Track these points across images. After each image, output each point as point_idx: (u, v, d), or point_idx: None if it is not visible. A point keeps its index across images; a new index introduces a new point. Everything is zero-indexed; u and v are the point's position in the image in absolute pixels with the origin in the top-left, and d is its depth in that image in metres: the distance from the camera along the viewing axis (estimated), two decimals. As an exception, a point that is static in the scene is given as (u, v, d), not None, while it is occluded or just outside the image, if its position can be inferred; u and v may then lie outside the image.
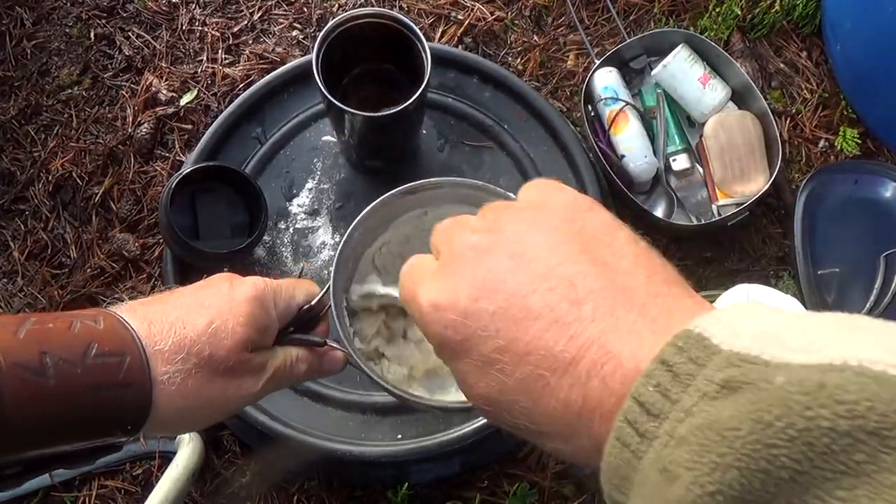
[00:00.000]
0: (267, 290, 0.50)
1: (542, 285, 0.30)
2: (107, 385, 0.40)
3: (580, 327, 0.28)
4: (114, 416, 0.41)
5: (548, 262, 0.30)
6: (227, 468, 0.82)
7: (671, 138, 0.93)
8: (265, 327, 0.49)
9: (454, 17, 1.00)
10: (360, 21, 0.77)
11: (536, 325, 0.29)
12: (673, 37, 0.94)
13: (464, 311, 0.31)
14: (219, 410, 0.48)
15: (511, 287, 0.30)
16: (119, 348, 0.41)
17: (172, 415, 0.44)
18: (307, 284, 0.55)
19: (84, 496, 0.81)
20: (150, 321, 0.44)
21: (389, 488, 0.78)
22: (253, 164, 0.88)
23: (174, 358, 0.44)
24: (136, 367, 0.42)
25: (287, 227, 0.87)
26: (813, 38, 1.01)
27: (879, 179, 0.92)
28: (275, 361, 0.50)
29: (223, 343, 0.45)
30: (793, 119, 0.97)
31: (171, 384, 0.43)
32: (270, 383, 0.49)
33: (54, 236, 0.92)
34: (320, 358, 0.54)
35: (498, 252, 0.32)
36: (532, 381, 0.29)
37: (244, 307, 0.47)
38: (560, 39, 1.00)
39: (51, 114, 0.97)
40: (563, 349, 0.28)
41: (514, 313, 0.30)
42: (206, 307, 0.46)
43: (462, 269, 0.32)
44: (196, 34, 1.00)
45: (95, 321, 0.42)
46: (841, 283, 0.88)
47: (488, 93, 0.91)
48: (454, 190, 0.61)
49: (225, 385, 0.46)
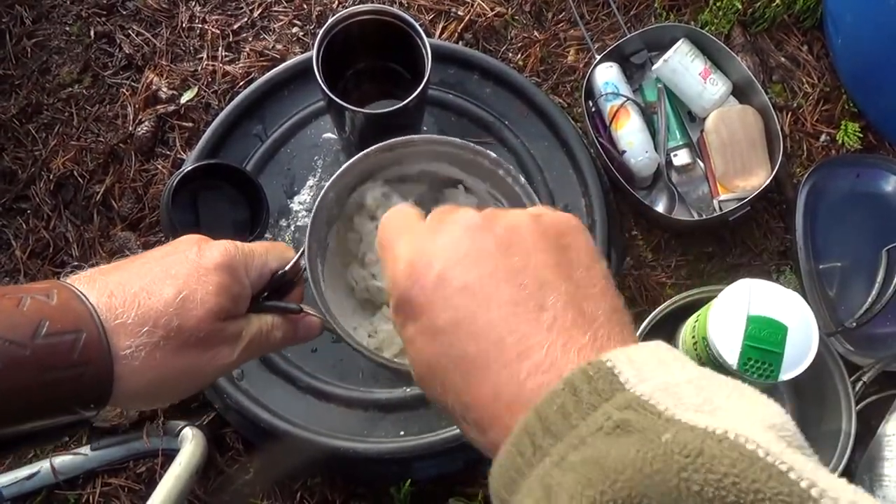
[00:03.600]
0: (238, 255, 0.47)
1: (517, 279, 0.31)
2: (60, 365, 0.38)
3: (536, 329, 0.30)
4: (72, 394, 0.39)
5: (528, 262, 0.32)
6: (230, 465, 0.82)
7: (672, 133, 0.93)
8: (237, 295, 0.46)
9: (454, 13, 0.99)
10: (361, 18, 0.76)
11: (498, 312, 0.30)
12: (673, 31, 0.94)
13: (437, 276, 0.32)
14: (193, 381, 0.46)
15: (488, 269, 0.31)
16: (73, 325, 0.39)
17: (141, 388, 0.42)
18: (281, 248, 0.53)
19: (88, 494, 0.81)
20: (111, 292, 0.42)
21: (393, 485, 0.79)
22: (254, 161, 0.88)
23: (138, 331, 0.41)
24: (93, 344, 0.39)
25: (288, 225, 0.87)
26: (814, 31, 1.00)
27: (881, 173, 0.92)
28: (250, 330, 0.48)
29: (192, 313, 0.43)
30: (794, 113, 0.97)
31: (134, 358, 0.41)
32: (246, 352, 0.47)
33: (56, 235, 0.92)
34: (296, 324, 0.52)
35: (486, 235, 0.33)
36: (473, 360, 0.30)
37: (214, 275, 0.45)
38: (560, 35, 1.00)
39: (51, 112, 0.97)
40: (514, 342, 0.29)
41: (483, 294, 0.31)
42: (173, 276, 0.44)
43: (448, 237, 0.33)
44: (196, 32, 1.00)
45: (48, 296, 0.40)
46: (842, 278, 0.88)
47: (489, 89, 0.91)
48: (430, 147, 0.61)
49: (198, 356, 0.44)
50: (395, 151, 0.56)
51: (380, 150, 0.55)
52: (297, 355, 0.81)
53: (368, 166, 0.56)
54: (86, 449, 0.81)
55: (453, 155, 0.62)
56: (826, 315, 0.86)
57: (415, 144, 0.57)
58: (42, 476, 0.80)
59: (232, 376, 0.79)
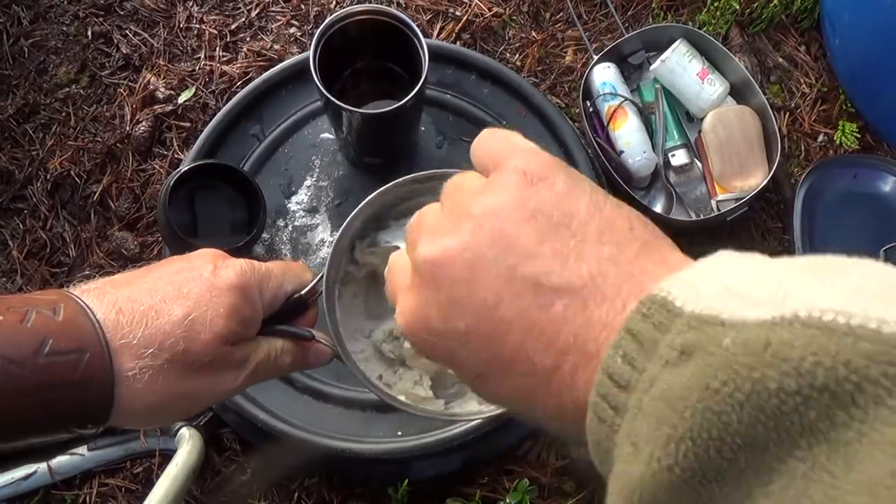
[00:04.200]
0: (253, 277, 0.46)
1: (507, 291, 0.28)
2: (61, 385, 0.37)
3: (555, 330, 0.27)
4: (71, 413, 0.38)
5: (507, 263, 0.28)
6: (227, 466, 0.82)
7: (670, 133, 0.93)
8: (248, 318, 0.45)
9: (452, 14, 0.99)
10: (358, 18, 0.76)
11: (513, 337, 0.28)
12: (671, 32, 0.94)
13: (437, 332, 0.30)
14: (192, 406, 0.44)
15: (476, 301, 0.28)
16: (77, 344, 0.38)
17: (141, 411, 0.41)
18: (298, 270, 0.51)
19: (85, 494, 0.81)
20: (119, 308, 0.40)
21: (390, 485, 0.79)
22: (251, 161, 0.88)
23: (143, 353, 0.40)
24: (96, 364, 0.38)
25: (286, 225, 0.87)
26: (811, 32, 1.00)
27: (878, 174, 0.92)
28: (258, 355, 0.46)
29: (200, 337, 0.42)
30: (792, 114, 0.97)
31: (137, 381, 0.40)
32: (251, 378, 0.46)
33: (53, 235, 0.92)
34: (306, 350, 0.50)
35: (455, 264, 0.29)
36: (523, 391, 0.28)
37: (226, 297, 0.43)
38: (558, 35, 1.00)
39: (49, 112, 0.97)
40: (543, 358, 0.27)
41: (487, 329, 0.28)
42: (184, 295, 0.42)
43: (426, 289, 0.30)
44: (194, 32, 1.00)
45: (54, 310, 0.39)
46: (840, 278, 0.88)
47: (486, 89, 0.91)
48: None
49: (199, 381, 0.43)
50: (426, 184, 0.52)
51: (412, 181, 0.51)
52: (295, 355, 0.81)
53: (396, 197, 0.53)
54: (83, 449, 0.81)
55: None
56: (823, 315, 0.86)
57: (446, 177, 0.54)
58: (39, 476, 0.79)
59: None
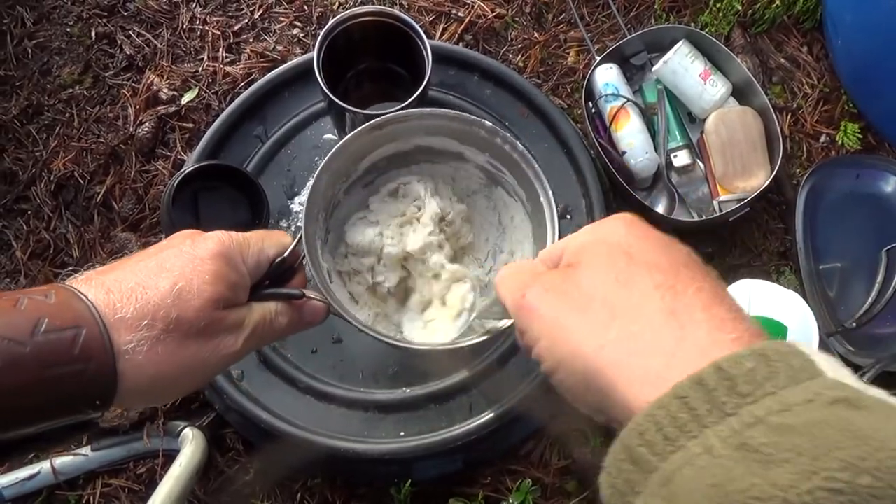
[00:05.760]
0: (233, 244, 0.48)
1: (614, 330, 0.36)
2: (61, 361, 0.38)
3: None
4: (76, 391, 0.39)
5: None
6: (230, 466, 0.82)
7: (672, 134, 0.93)
8: (234, 283, 0.47)
9: (455, 15, 1.00)
10: (361, 19, 0.77)
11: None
12: (673, 33, 0.94)
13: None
14: (199, 373, 0.46)
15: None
16: (73, 321, 0.39)
17: (146, 384, 0.42)
18: (278, 236, 0.53)
19: (88, 494, 0.81)
20: (108, 289, 0.42)
21: (392, 485, 0.79)
22: (254, 162, 0.88)
23: (138, 325, 0.41)
24: (93, 340, 0.39)
25: (289, 225, 0.87)
26: (814, 32, 1.01)
27: (881, 174, 0.92)
28: (253, 318, 0.48)
29: (190, 304, 0.43)
30: (794, 114, 0.97)
31: (137, 353, 0.41)
32: (251, 340, 0.48)
33: (56, 236, 0.92)
34: (300, 309, 0.52)
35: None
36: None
37: (209, 264, 0.45)
38: (560, 36, 1.00)
39: (52, 113, 0.97)
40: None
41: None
42: (168, 269, 0.44)
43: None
44: (197, 33, 1.00)
45: (46, 296, 0.40)
46: (842, 278, 0.88)
47: (489, 90, 0.91)
48: (423, 121, 0.59)
49: (200, 347, 0.44)
50: (386, 129, 0.53)
51: (371, 128, 0.53)
52: (298, 356, 0.81)
53: (361, 146, 0.54)
54: (86, 449, 0.81)
55: (448, 127, 0.60)
56: (826, 315, 0.86)
57: (408, 119, 0.55)
58: (43, 477, 0.80)
59: (232, 377, 0.79)
